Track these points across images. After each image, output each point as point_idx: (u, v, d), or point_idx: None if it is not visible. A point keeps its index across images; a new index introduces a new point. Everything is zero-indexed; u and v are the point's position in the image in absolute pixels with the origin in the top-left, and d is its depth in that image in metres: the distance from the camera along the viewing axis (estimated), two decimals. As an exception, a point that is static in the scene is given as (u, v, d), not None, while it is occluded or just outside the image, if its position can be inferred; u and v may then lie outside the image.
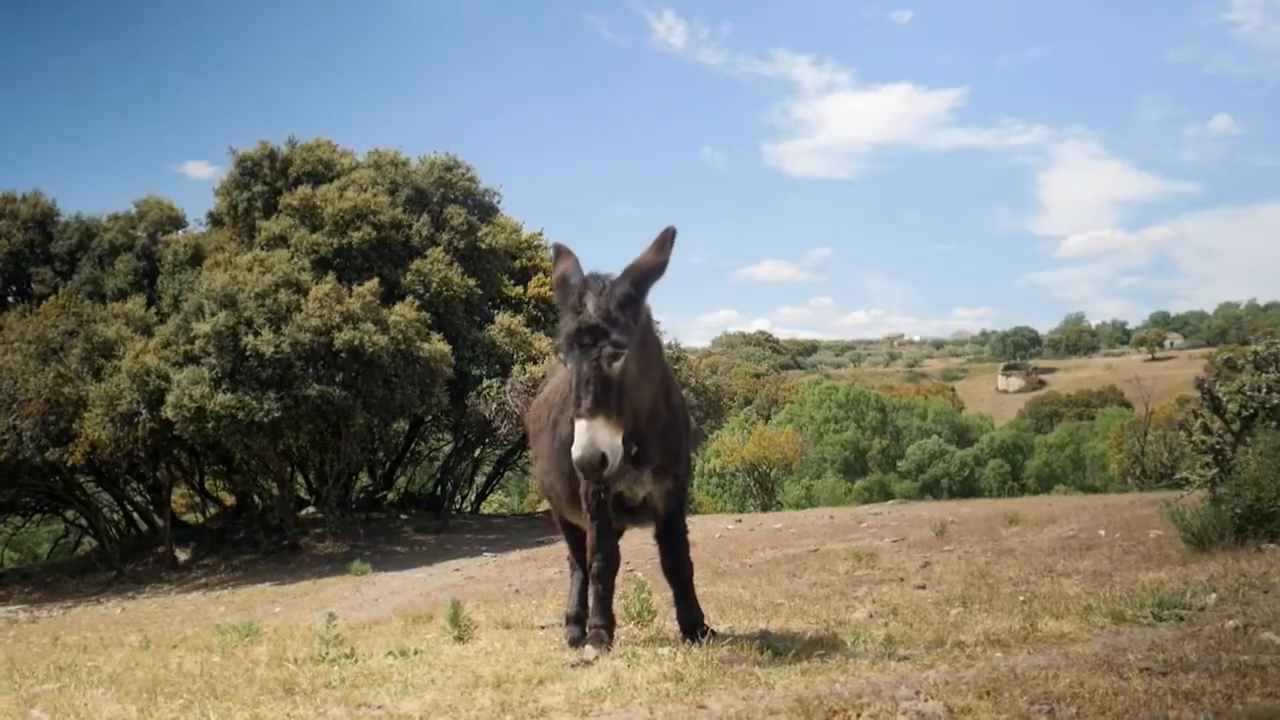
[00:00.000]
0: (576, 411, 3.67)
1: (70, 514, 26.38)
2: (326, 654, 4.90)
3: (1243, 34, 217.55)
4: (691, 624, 4.60)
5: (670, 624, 6.25)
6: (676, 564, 4.58)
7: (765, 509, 30.97)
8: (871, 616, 5.60)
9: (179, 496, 26.49)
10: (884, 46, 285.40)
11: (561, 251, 4.16)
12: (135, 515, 26.31)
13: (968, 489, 49.10)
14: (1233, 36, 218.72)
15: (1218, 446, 6.93)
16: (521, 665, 4.16)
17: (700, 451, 34.46)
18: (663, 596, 6.97)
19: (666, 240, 3.91)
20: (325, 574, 18.50)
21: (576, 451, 3.62)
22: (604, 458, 3.60)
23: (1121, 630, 4.08)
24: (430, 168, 22.89)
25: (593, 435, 3.60)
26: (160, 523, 23.99)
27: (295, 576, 18.81)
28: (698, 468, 36.44)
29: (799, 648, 4.15)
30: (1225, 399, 6.99)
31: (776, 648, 4.13)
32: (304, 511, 24.17)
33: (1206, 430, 7.01)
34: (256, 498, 23.71)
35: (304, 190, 21.37)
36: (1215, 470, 6.90)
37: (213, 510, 26.80)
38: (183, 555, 22.75)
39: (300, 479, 24.87)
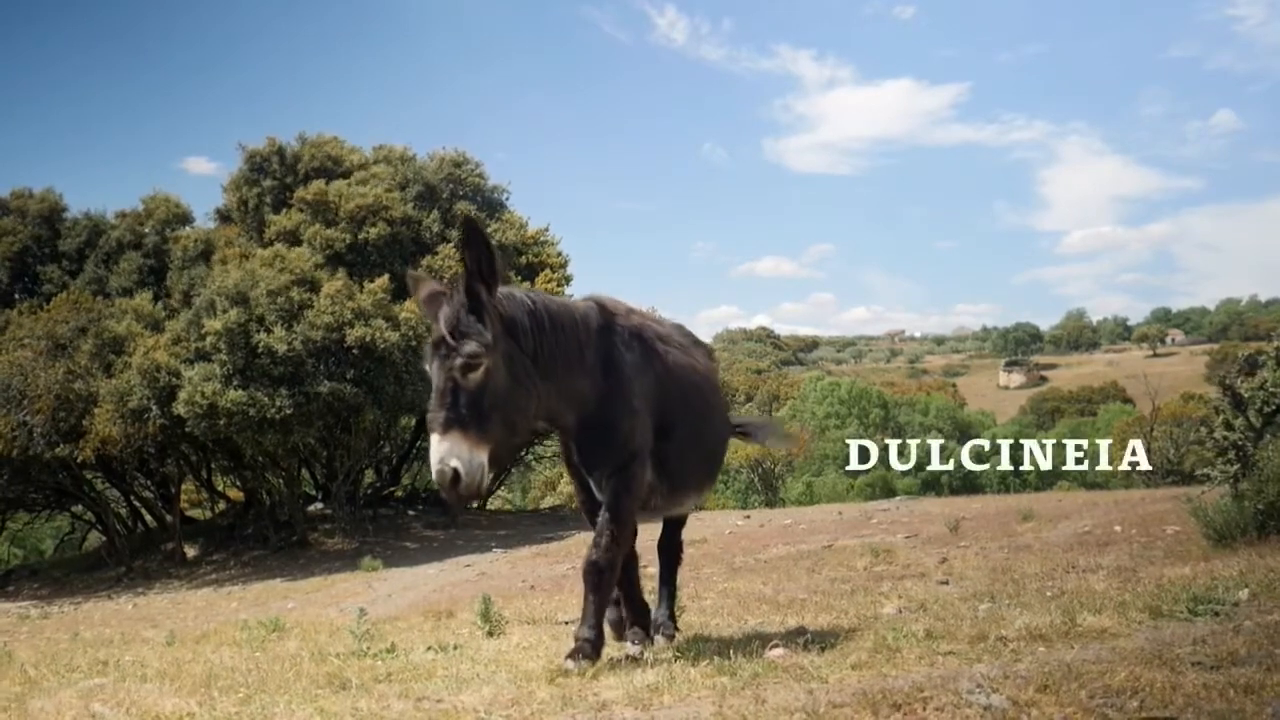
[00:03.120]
0: (430, 425, 3.57)
1: (77, 509, 26.44)
2: (367, 649, 4.95)
3: (1245, 30, 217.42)
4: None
5: (697, 618, 6.31)
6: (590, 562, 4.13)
7: (770, 505, 31.04)
8: (900, 612, 5.64)
9: (184, 492, 26.56)
10: (886, 42, 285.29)
11: (419, 278, 4.07)
12: (143, 511, 26.36)
13: (969, 485, 49.11)
14: (1235, 32, 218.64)
15: (1240, 443, 6.97)
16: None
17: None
18: (684, 592, 7.03)
19: (466, 240, 3.70)
20: (335, 570, 18.56)
21: (433, 468, 3.51)
22: (456, 474, 3.46)
23: (1160, 625, 4.11)
24: (439, 164, 22.93)
25: (443, 450, 3.47)
26: (169, 518, 24.04)
27: (306, 572, 18.86)
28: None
29: (840, 642, 4.19)
30: (1248, 395, 7.03)
31: (820, 643, 4.17)
32: (312, 507, 24.23)
33: (1229, 426, 7.05)
34: (265, 494, 23.75)
35: (318, 185, 21.41)
36: (1237, 466, 6.93)
37: (221, 506, 26.86)
38: (191, 551, 22.80)
39: (307, 475, 24.93)
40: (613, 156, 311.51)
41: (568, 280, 25.29)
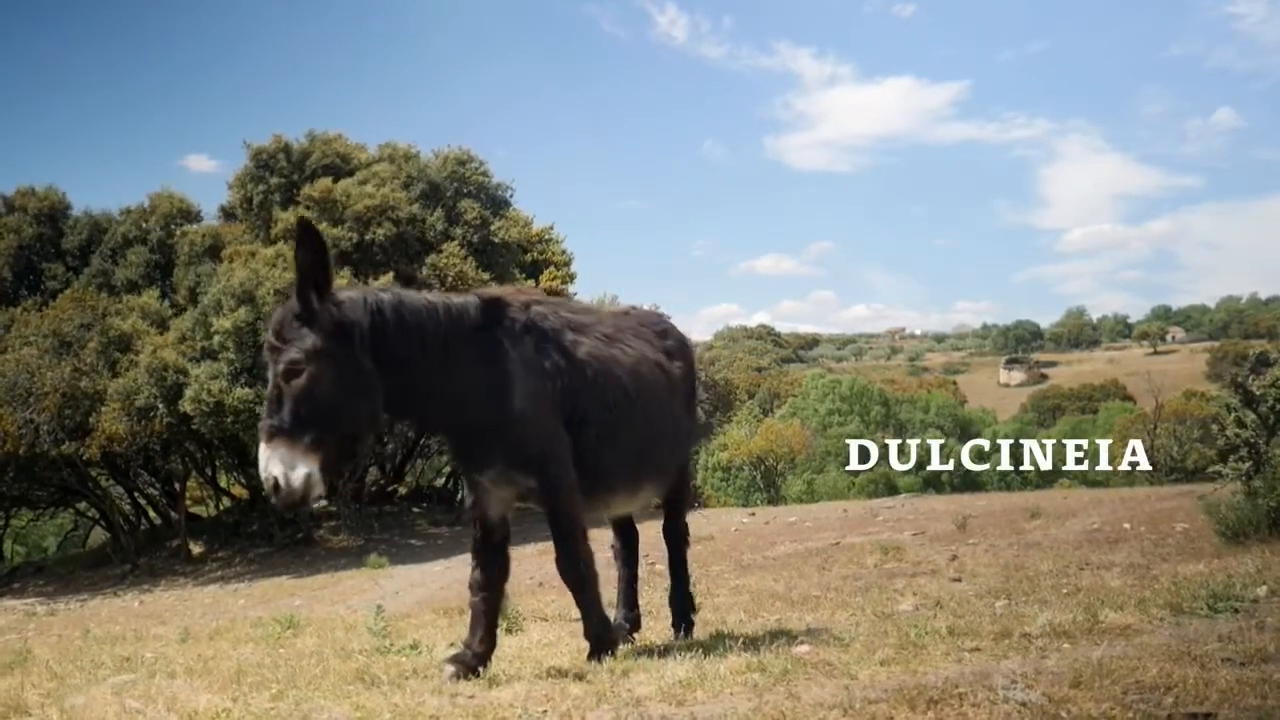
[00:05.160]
0: (259, 433, 3.58)
1: (81, 506, 26.48)
2: (391, 645, 4.97)
3: (1245, 27, 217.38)
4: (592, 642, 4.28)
5: (713, 615, 6.33)
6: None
7: (772, 503, 31.07)
8: (917, 609, 5.66)
9: (188, 489, 26.59)
10: (886, 39, 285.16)
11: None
12: (147, 509, 26.39)
13: (970, 483, 49.10)
14: (1235, 30, 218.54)
15: (1252, 440, 7.00)
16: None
17: (706, 445, 34.43)
18: (697, 589, 7.02)
19: (298, 242, 3.65)
20: (341, 567, 18.60)
21: (261, 475, 3.53)
22: (277, 483, 3.47)
23: (1182, 622, 4.14)
24: (444, 162, 22.94)
25: (265, 458, 3.49)
26: (174, 516, 24.06)
27: (311, 570, 18.90)
28: (702, 461, 36.28)
29: (864, 639, 4.21)
30: (1259, 393, 7.06)
31: (843, 639, 4.19)
32: (316, 505, 24.25)
33: (1240, 424, 7.08)
34: (270, 491, 23.79)
35: (325, 183, 21.41)
36: (1249, 464, 6.96)
37: (225, 503, 26.90)
38: (196, 549, 22.83)
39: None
40: (613, 154, 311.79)
41: (572, 278, 25.34)
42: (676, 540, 5.26)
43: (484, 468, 4.02)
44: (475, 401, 3.91)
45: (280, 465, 3.46)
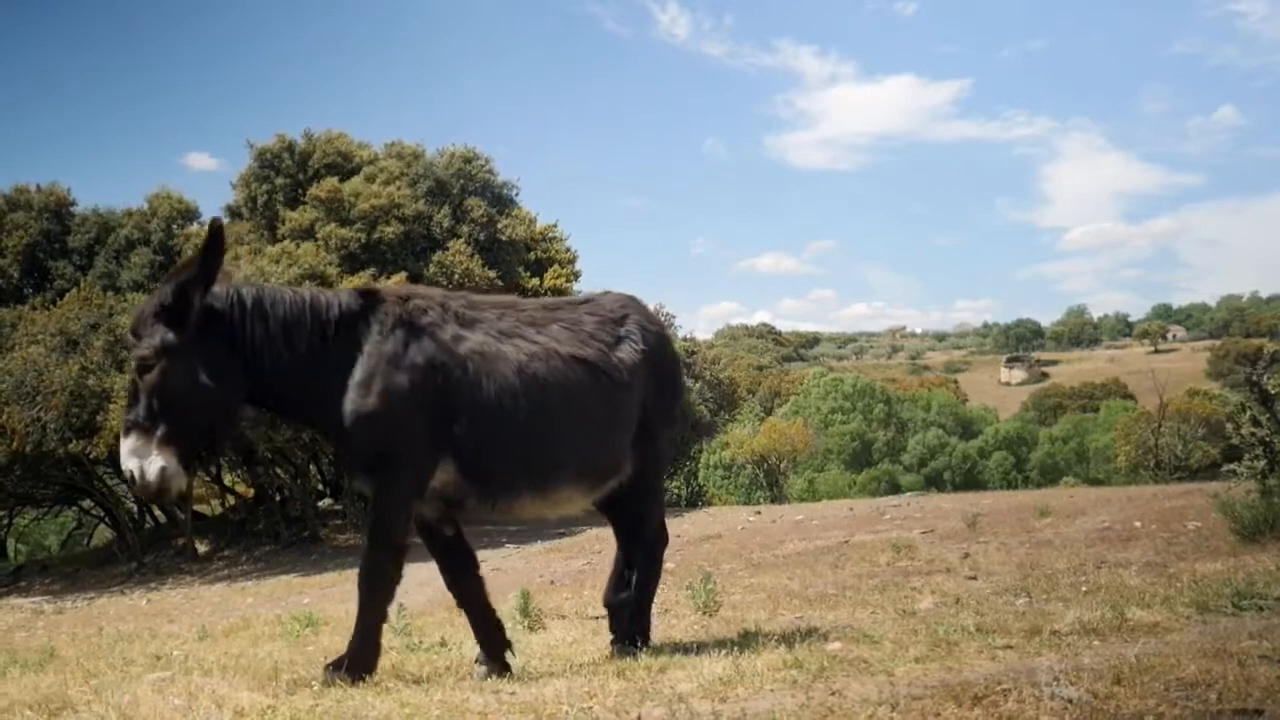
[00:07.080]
0: (121, 427, 3.63)
1: (86, 504, 26.48)
2: (420, 643, 5.00)
3: (1248, 25, 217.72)
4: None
5: (731, 613, 6.36)
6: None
7: (775, 501, 31.09)
8: (937, 607, 5.69)
9: (193, 488, 26.59)
10: (887, 38, 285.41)
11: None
12: (152, 507, 26.41)
13: (970, 481, 49.13)
14: (1238, 28, 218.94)
15: (1267, 439, 7.04)
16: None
17: (708, 443, 34.45)
18: (716, 588, 7.01)
19: (208, 244, 3.62)
20: (348, 565, 18.59)
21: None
22: (132, 476, 3.53)
23: (1208, 620, 4.17)
24: (450, 160, 22.95)
25: (123, 451, 3.55)
26: (180, 514, 24.07)
27: (318, 568, 18.90)
28: (704, 459, 36.30)
29: (893, 636, 4.24)
30: (1275, 391, 7.10)
31: (871, 637, 4.22)
32: (322, 503, 24.29)
33: (1256, 423, 7.12)
34: (275, 490, 23.81)
35: (331, 182, 21.43)
36: (1264, 462, 7.00)
37: (231, 502, 26.93)
38: (202, 547, 22.85)
39: (315, 470, 24.98)
40: (614, 152, 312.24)
41: (576, 276, 25.32)
42: (646, 555, 4.64)
43: (349, 472, 4.01)
44: (333, 397, 3.77)
45: (136, 459, 3.52)
